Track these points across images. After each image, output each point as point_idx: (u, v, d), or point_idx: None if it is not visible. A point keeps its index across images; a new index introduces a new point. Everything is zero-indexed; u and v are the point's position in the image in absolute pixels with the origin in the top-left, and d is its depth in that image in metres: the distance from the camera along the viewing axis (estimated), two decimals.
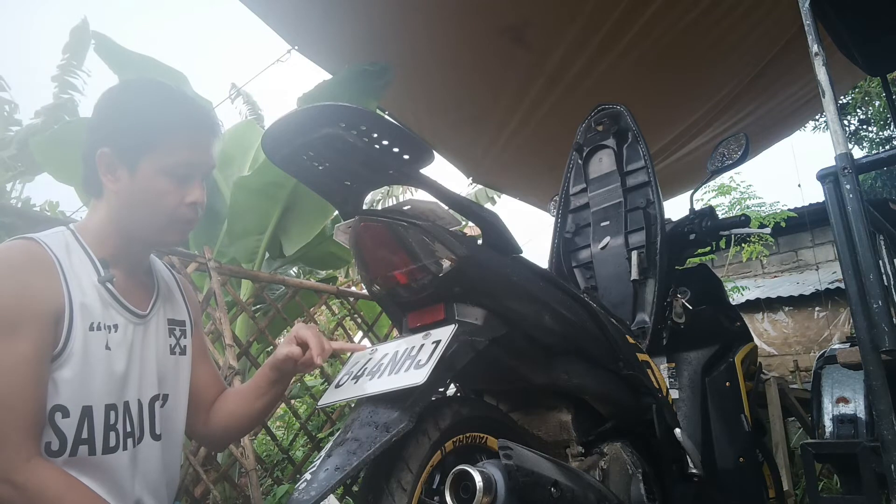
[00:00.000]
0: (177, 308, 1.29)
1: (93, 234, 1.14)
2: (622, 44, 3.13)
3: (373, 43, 3.09)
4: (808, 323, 6.87)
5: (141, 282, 1.22)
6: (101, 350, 1.07)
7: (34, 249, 1.05)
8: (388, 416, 0.96)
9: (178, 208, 1.14)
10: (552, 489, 1.03)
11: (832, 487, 3.06)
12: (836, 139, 1.55)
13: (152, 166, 1.11)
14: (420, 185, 1.10)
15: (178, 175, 1.12)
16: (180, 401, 1.25)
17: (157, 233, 1.15)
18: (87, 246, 1.12)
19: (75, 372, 1.03)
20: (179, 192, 1.13)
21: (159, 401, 1.18)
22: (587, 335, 1.33)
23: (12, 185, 5.27)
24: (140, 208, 1.13)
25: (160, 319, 1.22)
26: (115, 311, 1.11)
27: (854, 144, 11.11)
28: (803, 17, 1.67)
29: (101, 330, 1.07)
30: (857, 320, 1.47)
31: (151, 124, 1.12)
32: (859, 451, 1.81)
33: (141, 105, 1.14)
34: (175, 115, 1.14)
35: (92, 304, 1.07)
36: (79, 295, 1.06)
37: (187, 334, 1.29)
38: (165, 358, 1.21)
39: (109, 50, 3.34)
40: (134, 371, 1.13)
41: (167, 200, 1.13)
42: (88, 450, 1.04)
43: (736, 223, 2.00)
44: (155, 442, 1.16)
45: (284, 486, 2.48)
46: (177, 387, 1.24)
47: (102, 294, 1.10)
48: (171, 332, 1.24)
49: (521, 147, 3.99)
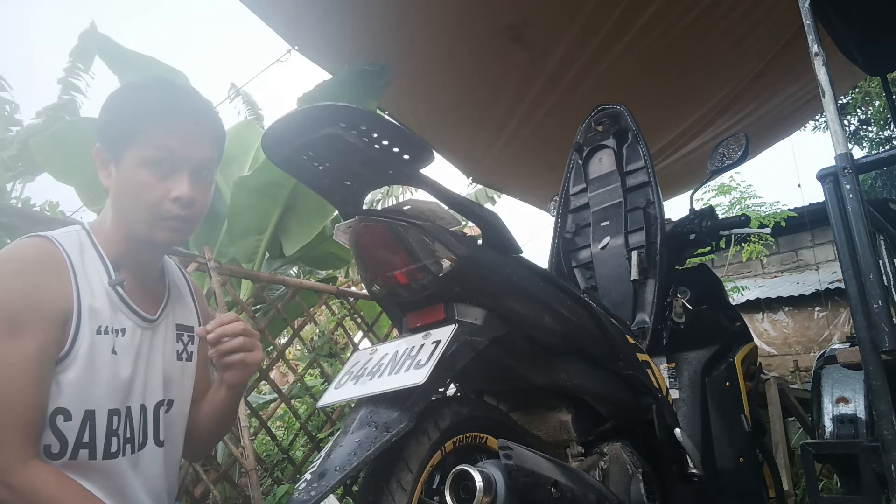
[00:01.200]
0: (187, 313, 1.27)
1: (104, 234, 1.13)
2: (622, 44, 3.13)
3: (373, 43, 3.10)
4: (808, 323, 6.87)
5: (152, 284, 1.20)
6: (108, 354, 1.06)
7: (48, 248, 1.04)
8: (388, 416, 0.96)
9: (162, 203, 1.08)
10: (552, 489, 1.03)
11: (832, 487, 3.05)
12: (836, 139, 1.55)
13: (133, 158, 1.08)
14: (420, 185, 1.10)
15: (158, 166, 1.08)
16: (184, 407, 1.23)
17: (144, 229, 1.10)
18: (100, 246, 1.11)
19: (79, 375, 1.02)
20: (162, 185, 1.08)
21: (164, 406, 1.17)
22: (587, 335, 1.33)
23: (12, 185, 5.26)
24: (124, 202, 1.10)
25: (169, 324, 1.21)
26: (124, 315, 1.10)
27: (854, 144, 11.11)
28: (803, 17, 1.67)
29: (108, 334, 1.06)
30: (857, 320, 1.47)
31: (132, 115, 1.09)
32: (859, 451, 1.81)
33: (127, 98, 1.13)
34: (156, 104, 1.10)
35: (101, 306, 1.06)
36: (88, 297, 1.05)
37: (195, 340, 1.27)
38: (172, 363, 1.20)
39: (109, 50, 3.34)
40: (139, 376, 1.11)
41: (149, 194, 1.08)
42: (89, 454, 1.03)
43: (736, 223, 2.00)
44: (158, 448, 1.15)
45: (284, 486, 2.48)
46: (182, 393, 1.22)
47: (112, 297, 1.09)
48: (178, 338, 1.23)
49: (521, 147, 3.99)
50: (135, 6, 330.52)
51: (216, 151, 1.18)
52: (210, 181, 1.18)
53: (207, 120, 1.16)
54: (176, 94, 1.13)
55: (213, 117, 1.18)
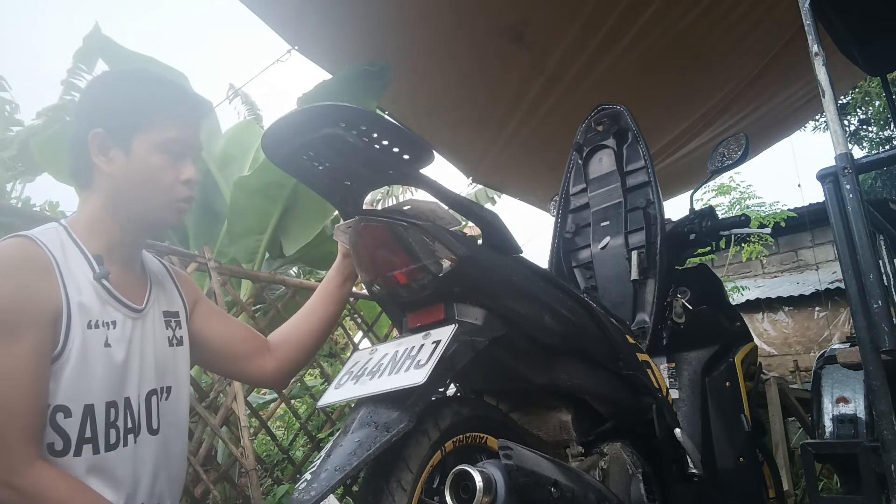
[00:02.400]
0: (171, 299, 1.28)
1: (84, 228, 1.13)
2: (622, 44, 3.13)
3: (373, 43, 3.10)
4: (808, 323, 6.87)
5: (135, 275, 1.21)
6: (101, 348, 1.07)
7: (31, 248, 1.04)
8: (388, 416, 0.96)
9: (175, 186, 1.16)
10: (552, 489, 1.02)
11: (832, 487, 3.06)
12: (836, 139, 1.55)
13: (146, 144, 1.13)
14: (420, 185, 1.09)
15: (171, 152, 1.15)
16: (182, 393, 1.24)
17: (155, 211, 1.16)
18: (80, 241, 1.11)
19: (75, 371, 1.03)
20: (175, 169, 1.16)
21: (157, 394, 1.18)
22: (587, 335, 1.33)
23: (12, 185, 5.27)
24: (138, 187, 1.14)
25: (156, 312, 1.22)
26: (113, 308, 1.11)
27: (854, 144, 11.11)
28: (803, 17, 1.67)
29: (99, 328, 1.07)
30: (857, 320, 1.47)
31: (142, 103, 1.15)
32: (859, 451, 1.82)
33: (132, 86, 1.18)
34: (164, 95, 1.17)
35: (89, 302, 1.07)
36: (76, 294, 1.05)
37: (182, 325, 1.28)
38: (164, 350, 1.21)
39: (111, 51, 3.35)
40: (134, 366, 1.12)
41: (164, 177, 1.14)
42: (93, 448, 1.04)
43: (736, 223, 2.00)
44: (152, 436, 1.15)
45: (284, 486, 2.48)
46: (178, 379, 1.23)
47: (99, 291, 1.09)
48: (167, 324, 1.23)
49: (521, 147, 3.99)
50: (135, 6, 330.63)
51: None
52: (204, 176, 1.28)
53: (202, 109, 1.25)
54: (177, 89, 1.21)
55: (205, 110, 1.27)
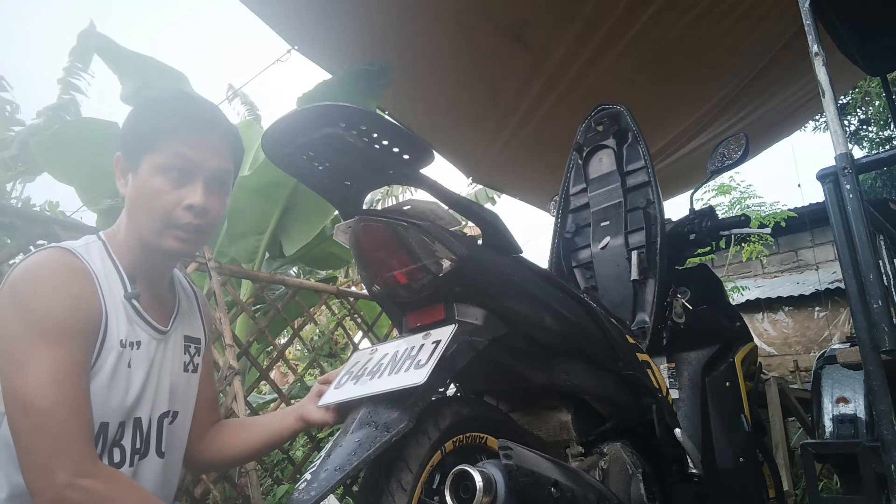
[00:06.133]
0: (194, 325, 1.28)
1: (118, 244, 1.13)
2: (622, 44, 3.13)
3: (373, 43, 3.10)
4: (808, 323, 6.87)
5: (163, 295, 1.21)
6: (125, 367, 1.07)
7: (74, 262, 1.04)
8: (388, 416, 0.96)
9: (174, 211, 1.08)
10: (552, 489, 1.02)
11: (832, 487, 3.06)
12: (836, 139, 1.55)
13: (149, 165, 1.09)
14: (420, 185, 1.09)
15: (173, 173, 1.08)
16: (187, 419, 1.24)
17: (153, 236, 1.09)
18: (116, 258, 1.11)
19: (100, 388, 1.02)
20: (176, 193, 1.09)
21: (168, 417, 1.17)
22: (587, 335, 1.33)
23: (12, 185, 5.26)
24: (137, 209, 1.11)
25: (178, 336, 1.21)
26: (139, 328, 1.11)
27: (854, 144, 11.10)
28: (803, 17, 1.67)
29: (125, 347, 1.07)
30: (857, 320, 1.47)
31: (150, 124, 1.11)
32: (859, 451, 1.81)
33: (151, 107, 1.15)
34: (173, 112, 1.12)
35: (122, 319, 1.07)
36: (112, 310, 1.05)
37: (201, 352, 1.28)
38: (179, 375, 1.20)
39: (109, 49, 3.34)
40: (150, 388, 1.12)
41: (162, 201, 1.08)
42: None
43: (736, 223, 2.00)
44: (159, 459, 1.15)
45: (284, 486, 2.48)
46: (186, 404, 1.23)
47: (128, 309, 1.09)
48: (186, 349, 1.23)
49: (521, 147, 3.99)
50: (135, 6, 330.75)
51: (233, 164, 1.20)
52: (226, 192, 1.19)
53: (224, 132, 1.16)
54: (194, 105, 1.15)
55: (231, 130, 1.19)
